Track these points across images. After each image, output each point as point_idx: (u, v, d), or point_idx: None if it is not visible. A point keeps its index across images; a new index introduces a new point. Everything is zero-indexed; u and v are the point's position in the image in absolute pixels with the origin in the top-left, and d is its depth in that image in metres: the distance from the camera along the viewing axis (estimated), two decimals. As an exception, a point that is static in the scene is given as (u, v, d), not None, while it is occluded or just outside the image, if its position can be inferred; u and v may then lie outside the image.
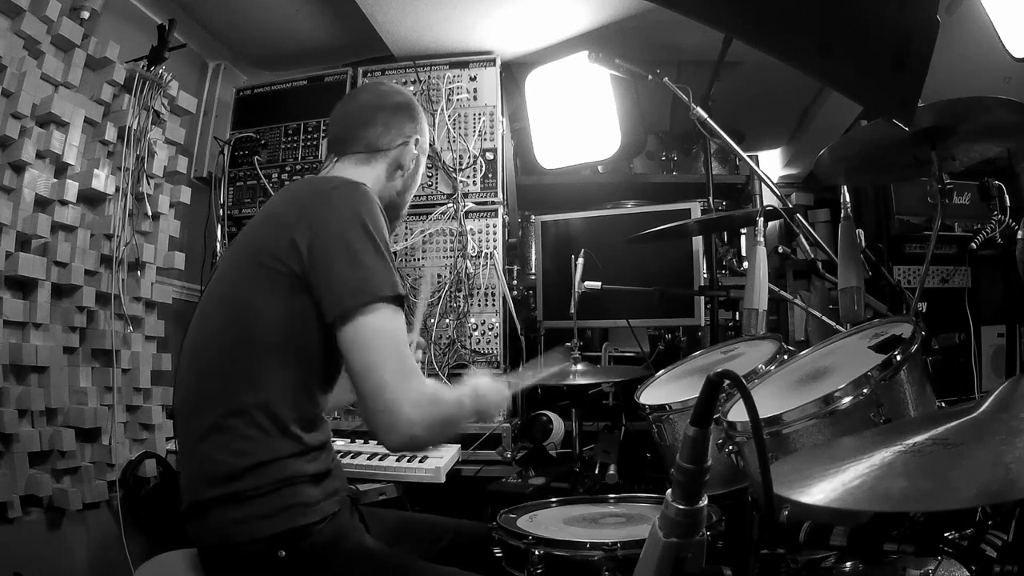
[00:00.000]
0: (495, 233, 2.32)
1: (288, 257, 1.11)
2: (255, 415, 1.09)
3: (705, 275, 2.30)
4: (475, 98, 2.42)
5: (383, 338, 1.07)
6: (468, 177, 2.36)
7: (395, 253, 2.33)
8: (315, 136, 2.50)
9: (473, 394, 1.21)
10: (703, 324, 2.30)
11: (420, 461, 1.89)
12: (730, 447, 1.10)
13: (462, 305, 2.28)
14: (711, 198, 2.22)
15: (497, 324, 2.27)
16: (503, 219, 2.35)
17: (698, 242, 2.32)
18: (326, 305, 1.09)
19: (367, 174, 1.34)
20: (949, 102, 1.30)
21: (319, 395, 1.19)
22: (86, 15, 1.93)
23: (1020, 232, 1.55)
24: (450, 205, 2.33)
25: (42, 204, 1.80)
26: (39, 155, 1.78)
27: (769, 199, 2.40)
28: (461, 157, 2.37)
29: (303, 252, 1.10)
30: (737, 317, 2.55)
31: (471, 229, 2.32)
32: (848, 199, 1.61)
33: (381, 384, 1.05)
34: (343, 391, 1.29)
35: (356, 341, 1.06)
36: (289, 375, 1.12)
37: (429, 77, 2.44)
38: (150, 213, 2.09)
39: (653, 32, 2.40)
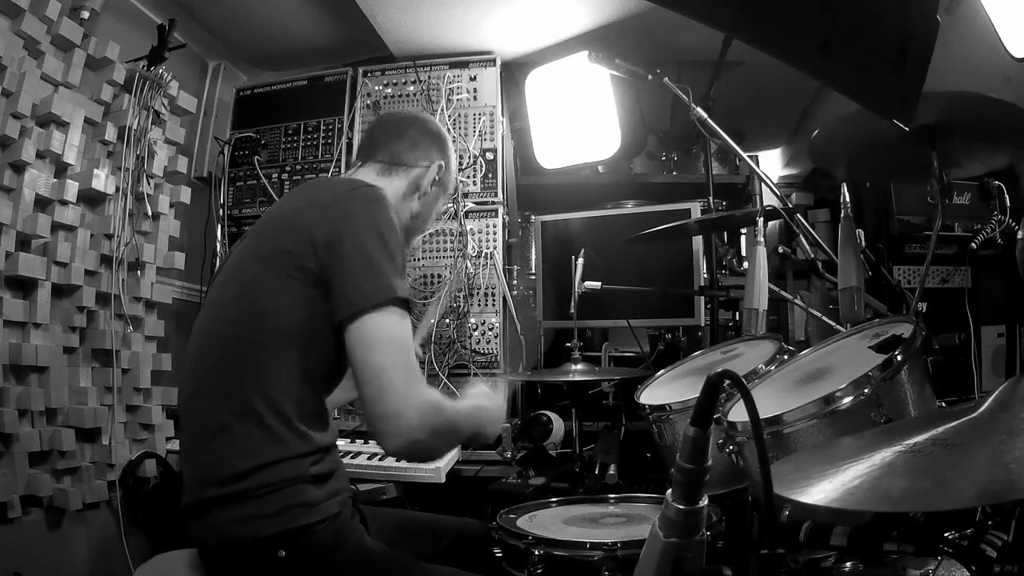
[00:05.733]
0: (495, 233, 2.32)
1: (305, 256, 1.11)
2: (263, 415, 1.08)
3: (705, 275, 2.30)
4: (475, 98, 2.42)
5: (390, 340, 1.07)
6: (468, 177, 2.36)
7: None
8: (315, 136, 2.50)
9: (474, 405, 1.21)
10: (703, 324, 2.30)
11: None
12: (730, 447, 1.10)
13: (462, 305, 2.28)
14: (711, 198, 2.22)
15: (497, 324, 2.27)
16: (503, 219, 2.35)
17: (698, 242, 2.32)
18: (337, 304, 1.09)
19: (386, 185, 1.34)
20: (951, 98, 1.30)
21: (323, 395, 1.19)
22: (86, 15, 1.93)
23: (1020, 232, 1.55)
24: (450, 205, 2.33)
25: (42, 204, 1.80)
26: (39, 155, 1.78)
27: (769, 199, 2.40)
28: (461, 157, 2.37)
29: (320, 251, 1.11)
30: (737, 317, 2.55)
31: (471, 229, 2.32)
32: (848, 199, 1.61)
33: (387, 387, 1.04)
34: (342, 389, 1.30)
35: (363, 341, 1.06)
36: (297, 374, 1.12)
37: (429, 77, 2.44)
38: (150, 213, 2.09)
39: (653, 32, 2.40)
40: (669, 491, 0.73)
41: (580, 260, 1.96)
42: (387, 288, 1.09)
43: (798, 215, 2.08)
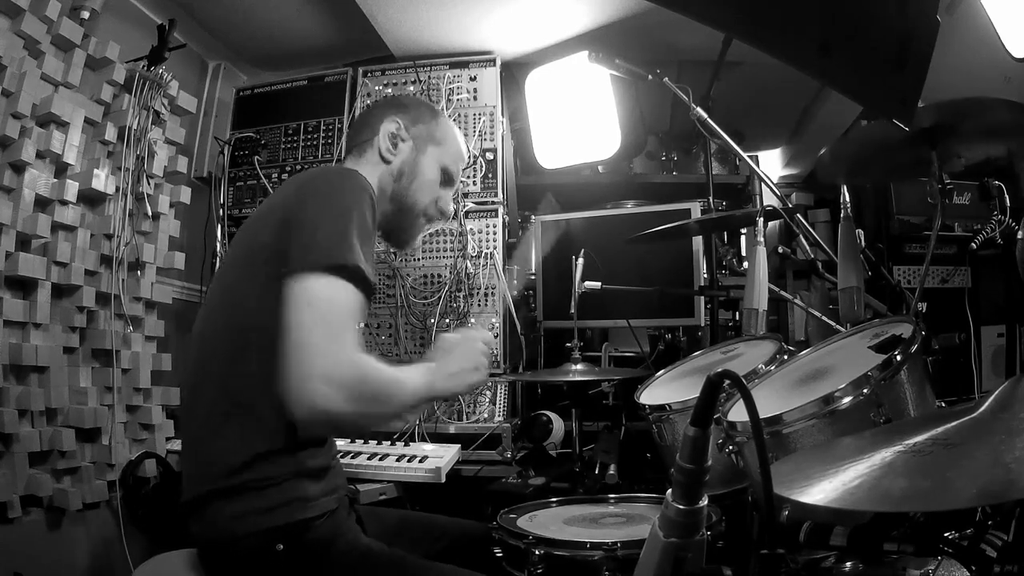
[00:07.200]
0: (495, 233, 2.32)
1: (276, 239, 1.10)
2: (255, 409, 1.08)
3: (705, 275, 2.30)
4: (475, 98, 2.42)
5: (321, 301, 1.01)
6: (468, 177, 2.36)
7: (394, 254, 2.34)
8: (315, 136, 2.50)
9: (426, 370, 1.14)
10: (703, 324, 2.30)
11: (420, 461, 1.89)
12: (730, 447, 1.10)
13: (462, 305, 2.28)
14: (711, 198, 2.22)
15: (497, 324, 2.27)
16: (503, 219, 2.35)
17: (698, 242, 2.32)
18: (287, 268, 1.05)
19: (362, 166, 1.39)
20: (950, 103, 1.30)
21: None
22: (86, 15, 1.93)
23: (1020, 232, 1.55)
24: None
25: (42, 204, 1.80)
26: (39, 155, 1.78)
27: (769, 199, 2.40)
28: (461, 157, 2.37)
29: (284, 231, 1.10)
30: (737, 317, 2.55)
31: (471, 229, 2.32)
32: (848, 199, 1.61)
33: (301, 343, 0.97)
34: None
35: (292, 299, 1.01)
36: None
37: (429, 77, 2.44)
38: (150, 213, 2.09)
39: (653, 32, 2.40)
40: (669, 491, 0.73)
41: (580, 260, 1.96)
42: (330, 253, 1.04)
43: (798, 215, 2.08)
